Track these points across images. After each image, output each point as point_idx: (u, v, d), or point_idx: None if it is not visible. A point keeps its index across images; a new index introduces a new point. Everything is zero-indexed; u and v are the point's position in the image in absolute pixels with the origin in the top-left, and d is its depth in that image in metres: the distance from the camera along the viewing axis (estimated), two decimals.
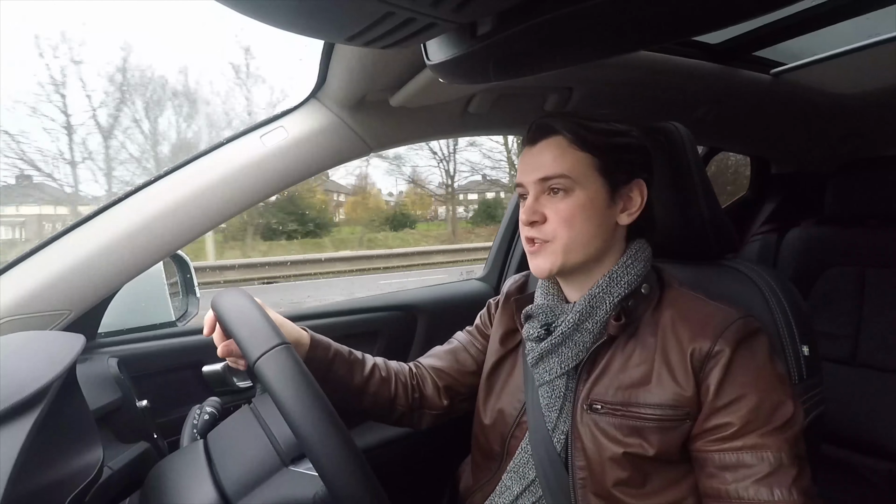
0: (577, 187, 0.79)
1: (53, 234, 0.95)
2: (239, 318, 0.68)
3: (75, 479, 0.59)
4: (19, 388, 0.55)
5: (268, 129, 1.04)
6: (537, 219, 0.81)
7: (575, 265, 0.81)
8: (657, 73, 1.21)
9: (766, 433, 0.69)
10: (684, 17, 0.45)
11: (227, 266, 11.42)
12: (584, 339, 0.80)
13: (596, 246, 0.81)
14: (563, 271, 0.82)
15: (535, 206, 0.81)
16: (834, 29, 1.17)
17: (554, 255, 0.80)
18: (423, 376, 1.02)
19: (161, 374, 1.14)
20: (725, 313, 0.76)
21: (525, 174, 0.83)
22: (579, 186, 0.79)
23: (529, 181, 0.82)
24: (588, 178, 0.79)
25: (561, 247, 0.79)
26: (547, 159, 0.80)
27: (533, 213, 0.81)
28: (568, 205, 0.79)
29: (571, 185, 0.78)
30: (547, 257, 0.81)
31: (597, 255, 0.82)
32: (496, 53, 0.56)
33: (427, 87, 0.98)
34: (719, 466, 0.71)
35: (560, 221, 0.79)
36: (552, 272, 0.81)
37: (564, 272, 0.83)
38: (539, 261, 0.82)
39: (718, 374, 0.72)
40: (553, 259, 0.80)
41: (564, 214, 0.79)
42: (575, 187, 0.79)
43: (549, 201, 0.80)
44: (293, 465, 0.71)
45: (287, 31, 0.53)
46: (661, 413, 0.74)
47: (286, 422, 0.59)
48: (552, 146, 0.80)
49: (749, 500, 0.67)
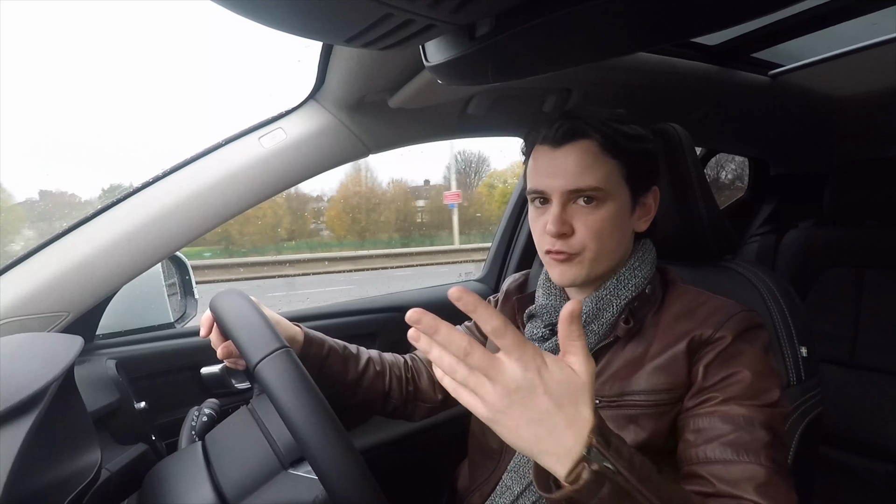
0: (609, 199, 0.75)
1: (52, 235, 0.94)
2: (238, 321, 0.68)
3: (73, 480, 0.59)
4: (17, 390, 0.55)
5: (266, 130, 1.04)
6: (567, 230, 0.76)
7: (597, 276, 0.79)
8: (655, 74, 1.21)
9: (745, 405, 0.68)
10: (682, 19, 0.45)
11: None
12: (589, 341, 0.80)
13: (619, 255, 0.80)
14: (588, 280, 0.80)
15: (564, 216, 0.76)
16: (831, 31, 1.18)
17: (581, 266, 0.77)
18: (418, 369, 1.02)
19: (159, 375, 1.13)
20: (731, 304, 0.76)
21: (548, 179, 0.76)
22: (610, 198, 0.75)
23: (555, 189, 0.76)
24: (618, 187, 0.76)
25: (589, 259, 0.76)
26: (576, 167, 0.74)
27: (563, 225, 0.75)
28: (599, 217, 0.75)
29: (604, 196, 0.75)
30: (573, 268, 0.77)
31: (615, 263, 0.80)
32: (495, 55, 0.56)
33: (426, 88, 0.98)
34: (692, 430, 0.69)
35: (589, 234, 0.75)
36: (574, 283, 0.79)
37: (589, 281, 0.80)
38: (565, 271, 0.78)
39: (712, 356, 0.72)
40: (579, 270, 0.77)
41: (595, 227, 0.75)
42: (607, 198, 0.75)
43: (579, 212, 0.76)
44: (292, 468, 0.71)
45: (286, 32, 0.53)
46: (656, 398, 0.73)
47: (286, 426, 0.59)
48: (581, 151, 0.75)
49: (714, 461, 0.65)
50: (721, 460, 0.65)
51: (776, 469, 0.64)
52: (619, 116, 0.79)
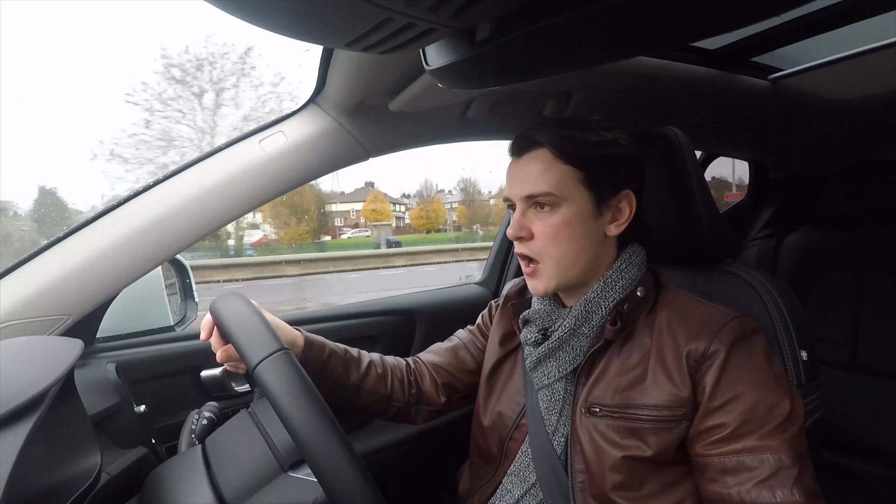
0: (563, 203, 0.79)
1: (51, 238, 0.95)
2: (238, 323, 0.68)
3: (73, 484, 0.59)
4: (17, 393, 0.55)
5: (267, 133, 1.05)
6: (524, 234, 0.81)
7: (570, 282, 0.82)
8: (655, 78, 1.21)
9: (765, 434, 0.69)
10: (682, 23, 0.45)
11: None
12: (581, 344, 0.81)
13: (586, 260, 0.81)
14: (560, 289, 0.83)
15: (522, 220, 0.81)
16: (831, 35, 1.18)
17: (547, 277, 0.81)
18: (421, 372, 1.02)
19: (159, 379, 1.13)
20: (721, 313, 0.76)
21: (512, 187, 0.83)
22: (565, 202, 0.79)
23: (516, 196, 0.82)
24: (573, 192, 0.79)
25: (552, 267, 0.80)
26: (532, 174, 0.80)
27: (520, 229, 0.81)
28: (554, 220, 0.79)
29: (557, 201, 0.79)
30: (541, 280, 0.82)
31: (589, 267, 0.82)
32: (495, 59, 0.56)
33: (426, 91, 0.99)
34: (720, 471, 0.70)
35: (546, 238, 0.80)
36: (548, 292, 0.83)
37: (561, 289, 0.84)
38: (534, 283, 0.83)
39: (714, 374, 0.72)
40: (547, 281, 0.81)
41: (551, 231, 0.79)
42: (561, 203, 0.79)
43: (536, 216, 0.81)
44: (292, 471, 0.71)
45: (286, 36, 0.53)
46: (658, 414, 0.74)
47: (286, 428, 0.59)
48: (537, 160, 0.80)
49: (751, 503, 0.67)
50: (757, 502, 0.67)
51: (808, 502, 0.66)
52: (584, 123, 0.81)
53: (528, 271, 0.83)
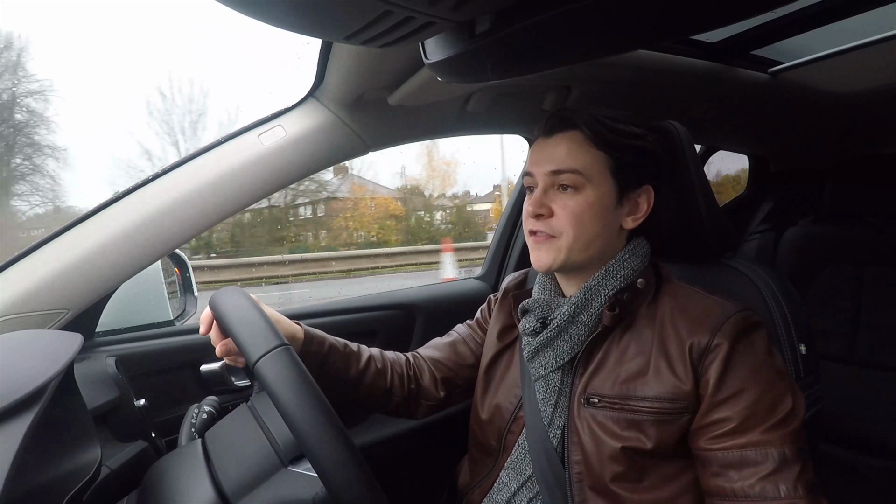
0: (589, 185, 0.79)
1: (51, 232, 0.94)
2: (238, 318, 0.68)
3: (73, 477, 0.59)
4: (17, 387, 0.55)
5: (266, 127, 1.04)
6: (544, 212, 0.80)
7: (575, 263, 0.81)
8: (655, 71, 1.21)
9: (767, 429, 0.69)
10: (682, 16, 0.45)
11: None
12: (580, 332, 0.81)
13: (598, 246, 0.81)
14: (563, 269, 0.83)
15: (543, 198, 0.80)
16: (831, 28, 1.18)
17: (557, 251, 0.80)
18: (420, 367, 1.02)
19: (159, 373, 1.13)
20: (724, 307, 0.76)
21: (536, 164, 0.82)
22: (590, 185, 0.79)
23: (540, 172, 0.81)
24: (600, 177, 0.79)
25: (566, 244, 0.79)
26: (561, 152, 0.79)
27: (540, 206, 0.80)
28: (577, 202, 0.79)
29: (583, 183, 0.78)
30: (549, 252, 0.81)
31: (598, 254, 0.82)
32: (494, 52, 0.56)
33: (425, 85, 0.98)
34: (723, 465, 0.70)
35: (568, 218, 0.79)
36: (552, 268, 0.82)
37: (564, 269, 0.83)
38: (541, 254, 0.82)
39: (717, 368, 0.72)
40: (555, 255, 0.80)
41: (573, 211, 0.79)
42: (586, 185, 0.79)
43: (558, 196, 0.80)
44: (292, 466, 0.71)
45: (285, 29, 0.52)
46: (660, 406, 0.74)
47: (286, 423, 0.59)
48: (568, 140, 0.80)
49: (755, 498, 0.67)
50: (760, 497, 0.67)
51: (810, 496, 0.67)
52: (615, 115, 0.82)
53: (536, 240, 0.82)
